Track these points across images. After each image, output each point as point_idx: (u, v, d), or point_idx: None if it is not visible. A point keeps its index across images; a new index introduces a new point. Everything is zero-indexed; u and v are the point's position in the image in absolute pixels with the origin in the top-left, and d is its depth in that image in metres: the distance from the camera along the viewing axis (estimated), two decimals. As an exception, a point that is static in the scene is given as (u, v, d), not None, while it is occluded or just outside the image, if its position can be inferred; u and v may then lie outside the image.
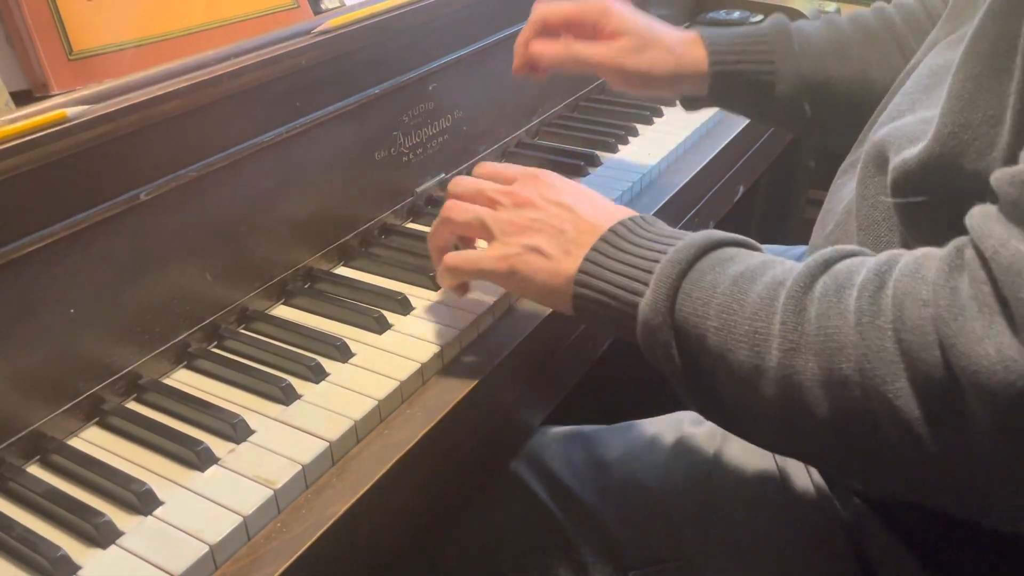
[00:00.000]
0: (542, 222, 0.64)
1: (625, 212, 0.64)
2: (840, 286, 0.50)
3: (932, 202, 0.53)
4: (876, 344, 0.46)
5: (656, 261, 0.57)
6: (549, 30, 0.88)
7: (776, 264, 0.55)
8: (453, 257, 0.68)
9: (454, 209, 0.68)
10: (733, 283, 0.54)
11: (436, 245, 0.72)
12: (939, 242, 0.49)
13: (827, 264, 0.52)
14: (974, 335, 0.42)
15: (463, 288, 0.72)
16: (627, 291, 0.58)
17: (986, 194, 0.47)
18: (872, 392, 0.47)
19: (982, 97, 0.51)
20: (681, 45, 0.87)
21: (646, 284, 0.57)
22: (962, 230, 0.47)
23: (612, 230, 0.61)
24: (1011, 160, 0.49)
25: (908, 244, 0.57)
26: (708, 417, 0.59)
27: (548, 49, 0.87)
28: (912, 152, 0.54)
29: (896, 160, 0.56)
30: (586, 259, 0.61)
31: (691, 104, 0.92)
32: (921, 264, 0.48)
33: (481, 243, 0.70)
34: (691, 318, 0.55)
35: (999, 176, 0.46)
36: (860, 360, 0.47)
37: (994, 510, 0.49)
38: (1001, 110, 0.49)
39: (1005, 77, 0.49)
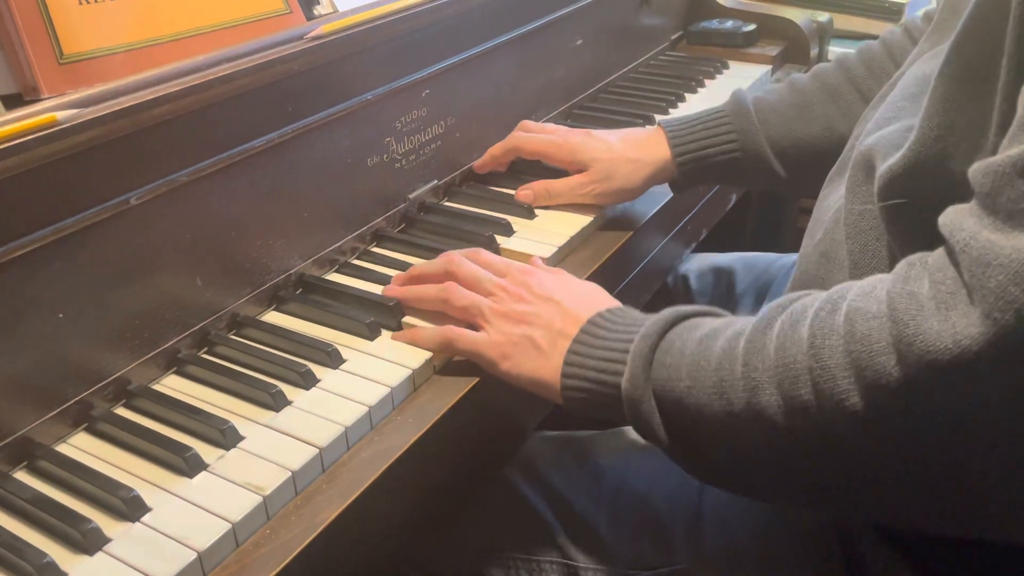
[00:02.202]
0: (535, 315, 0.68)
1: (604, 303, 0.68)
2: (795, 320, 0.52)
3: (918, 205, 0.54)
4: (828, 363, 0.49)
5: (630, 342, 0.61)
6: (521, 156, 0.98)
7: (737, 321, 0.58)
8: (456, 334, 0.70)
9: (454, 293, 0.72)
10: (699, 343, 0.57)
11: (417, 304, 0.75)
12: (925, 247, 0.49)
13: (783, 307, 0.55)
14: (932, 331, 0.44)
15: (417, 335, 0.74)
16: (608, 373, 0.62)
17: (968, 195, 0.48)
18: (831, 411, 0.48)
19: (968, 100, 0.51)
20: (646, 148, 0.93)
21: (624, 364, 0.60)
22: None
23: (591, 321, 0.65)
24: None
25: (895, 251, 0.58)
26: (702, 480, 0.62)
27: (531, 195, 0.94)
28: (897, 157, 0.55)
29: (882, 167, 0.56)
30: (569, 351, 0.65)
31: (673, 187, 0.97)
32: (874, 286, 0.50)
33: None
34: (667, 384, 0.58)
35: (975, 168, 0.47)
36: (815, 381, 0.49)
37: (978, 521, 0.50)
38: (987, 111, 0.50)
39: (991, 79, 0.50)
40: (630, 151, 0.92)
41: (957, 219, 0.46)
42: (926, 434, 0.46)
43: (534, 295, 0.70)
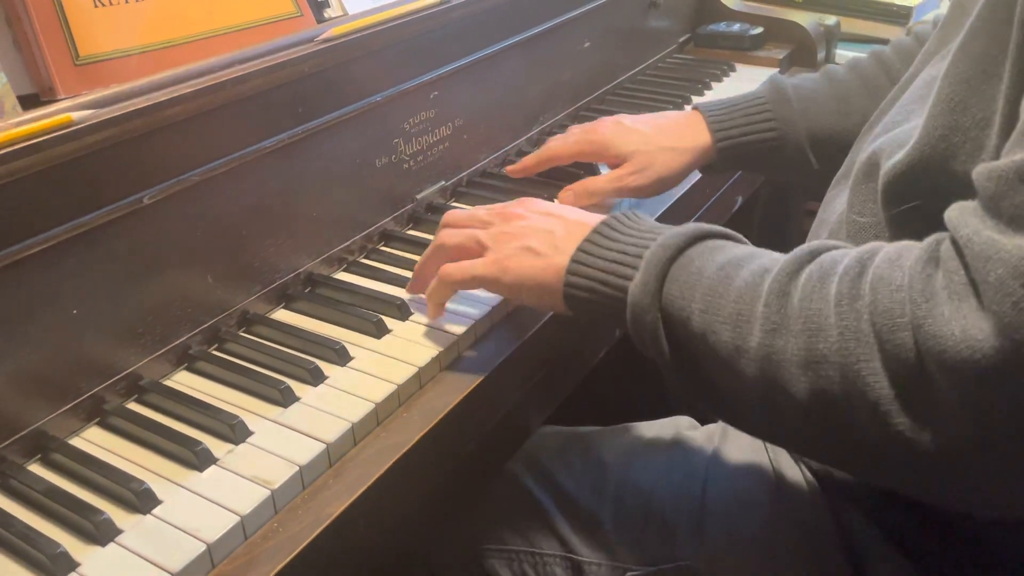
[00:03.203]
0: (532, 227, 0.67)
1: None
2: (824, 273, 0.52)
3: (920, 207, 0.54)
4: (853, 326, 0.48)
5: (646, 247, 0.60)
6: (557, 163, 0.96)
7: (763, 254, 0.57)
8: (448, 267, 0.69)
9: (445, 235, 0.72)
10: (720, 269, 0.56)
11: (424, 273, 0.75)
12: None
13: (813, 254, 0.54)
14: (942, 318, 0.44)
15: (440, 310, 0.74)
16: (617, 276, 0.60)
17: (972, 197, 0.48)
18: (848, 372, 0.48)
19: (973, 100, 0.52)
20: (684, 135, 0.91)
21: (636, 268, 0.59)
22: None
23: (604, 222, 0.64)
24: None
25: None
26: (696, 400, 0.60)
27: (571, 196, 0.91)
28: (900, 155, 0.55)
29: (886, 165, 0.56)
30: (578, 250, 0.63)
31: (706, 171, 0.95)
32: (901, 253, 0.50)
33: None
34: (677, 301, 0.56)
35: (979, 171, 0.47)
36: (839, 340, 0.49)
37: (967, 495, 0.50)
38: (991, 113, 0.50)
39: (995, 80, 0.50)
40: (667, 139, 0.91)
41: (963, 216, 0.47)
42: (931, 418, 0.46)
43: (531, 211, 0.69)
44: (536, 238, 0.66)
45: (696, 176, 1.05)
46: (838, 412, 0.50)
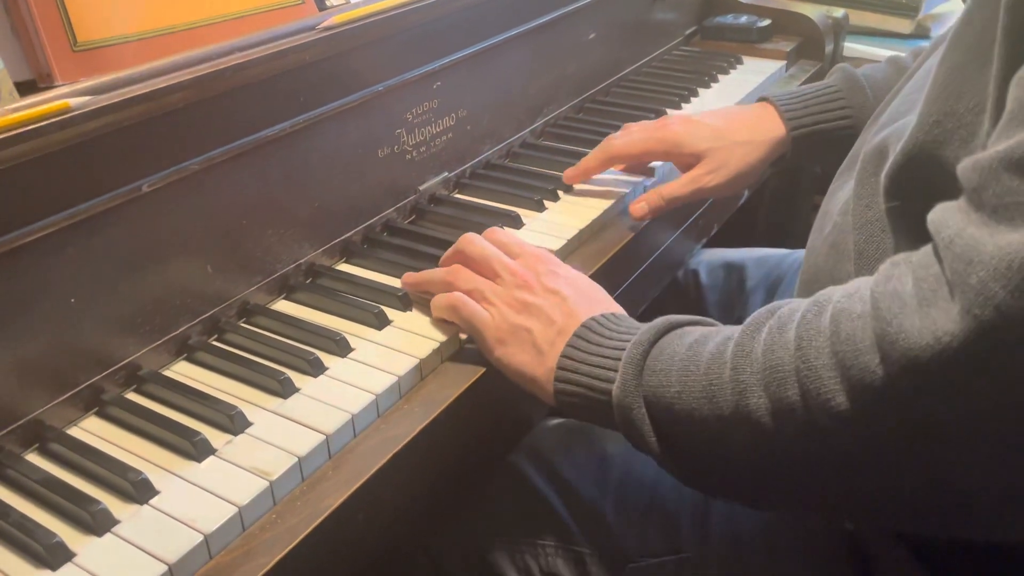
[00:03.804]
0: (537, 308, 0.67)
1: (605, 306, 0.67)
2: (783, 324, 0.52)
3: (916, 207, 0.53)
4: (814, 363, 0.48)
5: (623, 349, 0.61)
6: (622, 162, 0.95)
7: (727, 328, 0.58)
8: (463, 302, 0.70)
9: (460, 276, 0.72)
10: (688, 349, 0.57)
11: (425, 289, 0.75)
12: (924, 245, 0.49)
13: (772, 311, 0.55)
14: (914, 328, 0.44)
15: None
16: (601, 380, 0.61)
17: (959, 193, 0.48)
18: (817, 411, 0.48)
19: (967, 86, 0.51)
20: (757, 127, 0.89)
21: (616, 371, 0.60)
22: None
23: (585, 326, 0.65)
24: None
25: (900, 246, 0.57)
26: (695, 487, 0.61)
27: (646, 207, 0.89)
28: (899, 146, 0.54)
29: (888, 159, 0.56)
30: (562, 355, 0.64)
31: (776, 164, 0.93)
32: (858, 287, 0.50)
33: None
34: (657, 390, 0.57)
35: (964, 165, 0.46)
36: (802, 382, 0.49)
37: (961, 522, 0.50)
38: (984, 99, 0.50)
39: (988, 66, 0.49)
40: (740, 133, 0.88)
41: (944, 216, 0.46)
42: (909, 435, 0.46)
43: (540, 284, 0.69)
44: (537, 325, 0.66)
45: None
46: (823, 457, 0.50)
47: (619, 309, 0.68)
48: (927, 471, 0.48)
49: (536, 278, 0.70)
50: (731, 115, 0.91)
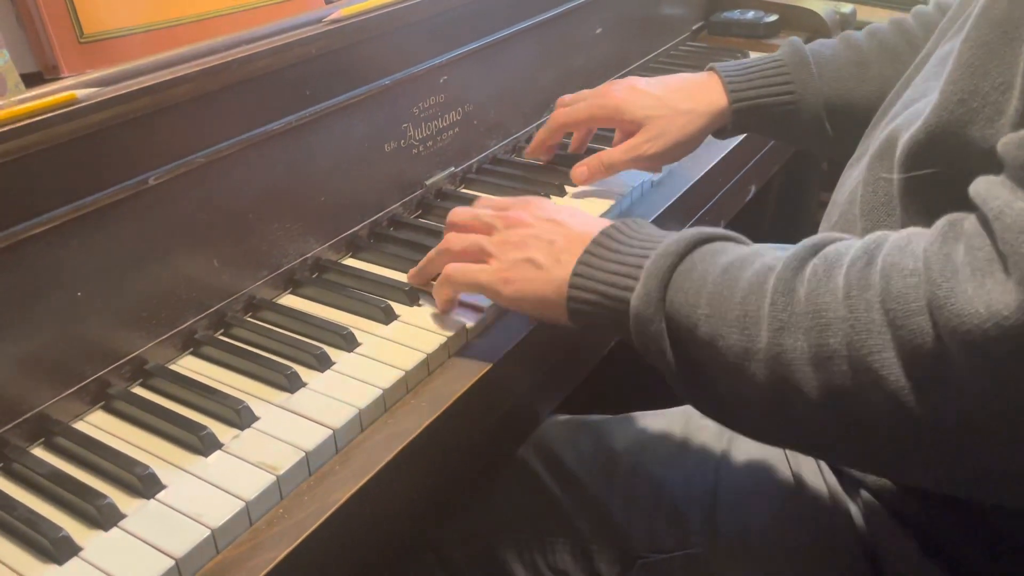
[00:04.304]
0: (534, 236, 0.66)
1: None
2: (829, 266, 0.51)
3: (937, 175, 0.53)
4: (863, 316, 0.47)
5: (646, 257, 0.58)
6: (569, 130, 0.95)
7: (766, 252, 0.56)
8: (454, 267, 0.69)
9: (451, 240, 0.71)
10: (723, 271, 0.55)
11: (428, 271, 0.74)
12: (934, 222, 0.49)
13: (816, 248, 0.53)
14: (965, 296, 0.43)
15: (451, 304, 0.73)
16: (618, 288, 0.59)
17: (991, 165, 0.47)
18: (860, 365, 0.47)
19: (993, 64, 0.50)
20: (699, 97, 0.88)
21: (636, 279, 0.58)
22: (960, 207, 0.47)
23: (603, 233, 0.63)
24: (1019, 126, 0.48)
25: (905, 227, 0.57)
26: (701, 410, 0.59)
27: (586, 171, 0.90)
28: (919, 123, 0.54)
29: (905, 136, 0.55)
30: (579, 262, 0.62)
31: (718, 134, 0.93)
32: (910, 239, 0.48)
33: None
34: (682, 308, 0.55)
35: (1007, 141, 0.46)
36: (848, 333, 0.47)
37: (991, 484, 0.49)
38: (1011, 76, 0.49)
39: (1017, 43, 0.49)
40: (682, 101, 0.88)
41: (990, 188, 0.45)
42: (953, 401, 0.45)
43: (535, 217, 0.68)
44: (538, 249, 0.65)
45: (709, 164, 1.04)
46: (853, 408, 0.48)
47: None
48: (964, 440, 0.46)
49: (530, 214, 0.68)
50: (675, 84, 0.90)
